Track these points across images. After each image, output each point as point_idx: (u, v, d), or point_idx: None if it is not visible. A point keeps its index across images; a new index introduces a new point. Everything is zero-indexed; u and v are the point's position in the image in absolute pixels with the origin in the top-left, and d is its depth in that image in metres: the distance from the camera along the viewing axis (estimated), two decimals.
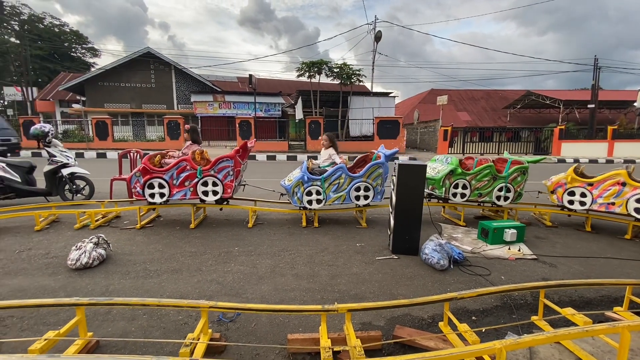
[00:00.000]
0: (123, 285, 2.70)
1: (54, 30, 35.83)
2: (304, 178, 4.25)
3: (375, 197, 4.41)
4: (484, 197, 4.52)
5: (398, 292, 2.68)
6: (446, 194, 4.50)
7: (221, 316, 2.25)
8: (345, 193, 4.33)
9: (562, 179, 4.37)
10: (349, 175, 4.31)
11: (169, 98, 22.81)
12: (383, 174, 4.36)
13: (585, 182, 4.19)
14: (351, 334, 1.83)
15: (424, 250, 3.24)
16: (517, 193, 4.54)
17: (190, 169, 4.13)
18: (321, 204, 4.31)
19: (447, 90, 28.14)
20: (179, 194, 4.15)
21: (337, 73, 16.55)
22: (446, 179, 4.48)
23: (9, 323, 2.17)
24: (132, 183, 4.08)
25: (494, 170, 4.47)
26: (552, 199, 4.49)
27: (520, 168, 4.45)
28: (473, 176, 4.46)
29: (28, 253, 3.31)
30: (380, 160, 4.33)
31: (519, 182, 4.49)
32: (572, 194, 4.27)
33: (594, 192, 4.12)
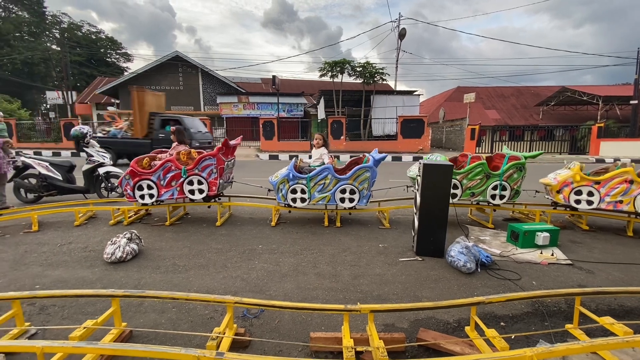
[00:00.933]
0: (154, 279, 2.83)
1: (91, 37, 38.10)
2: (289, 175, 4.25)
3: (360, 201, 4.29)
4: (477, 196, 4.35)
5: (422, 294, 2.63)
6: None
7: (245, 312, 2.31)
8: (330, 194, 4.27)
9: (569, 178, 4.11)
10: (335, 177, 4.25)
11: (196, 99, 23.58)
12: (370, 178, 4.27)
13: (592, 181, 4.02)
14: (374, 335, 1.82)
15: (449, 252, 3.15)
16: (514, 191, 4.31)
17: (175, 169, 4.26)
18: (305, 203, 4.31)
19: (475, 87, 27.17)
20: (167, 194, 4.31)
21: (360, 72, 16.42)
22: None
23: (52, 311, 2.34)
24: (122, 186, 4.28)
25: (487, 168, 4.28)
26: (558, 198, 4.21)
27: (516, 164, 4.23)
28: (464, 175, 4.30)
29: (69, 246, 3.55)
30: (368, 164, 4.24)
31: (515, 180, 4.28)
32: (579, 193, 4.07)
33: (602, 191, 3.97)
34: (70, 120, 17.79)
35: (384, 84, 22.63)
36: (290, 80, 31.90)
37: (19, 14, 32.89)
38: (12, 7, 33.03)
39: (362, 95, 17.68)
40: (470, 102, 16.27)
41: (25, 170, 5.20)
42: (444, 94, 31.04)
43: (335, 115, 17.03)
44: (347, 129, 16.61)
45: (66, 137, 16.64)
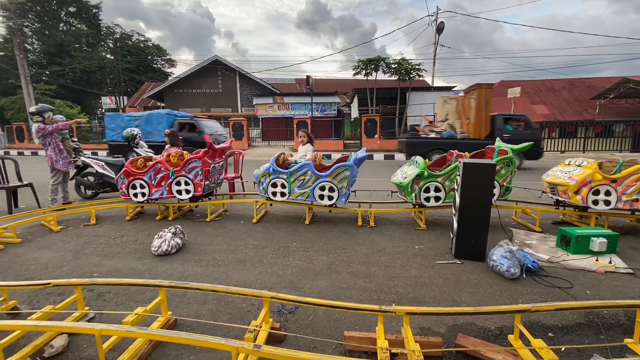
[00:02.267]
0: (195, 271, 2.99)
1: (140, 45, 41.03)
2: (270, 169, 4.36)
3: (339, 199, 4.26)
4: None
5: (461, 299, 2.52)
6: (417, 200, 4.17)
7: (281, 307, 2.36)
8: (309, 190, 4.30)
9: (587, 177, 3.76)
10: (315, 173, 4.27)
11: (234, 101, 24.51)
12: (349, 177, 4.21)
13: (609, 179, 3.72)
14: (409, 338, 1.78)
15: (491, 256, 2.99)
16: (504, 188, 4.06)
17: (165, 170, 4.54)
18: (285, 197, 4.38)
19: (520, 81, 25.43)
20: (157, 193, 4.59)
21: (395, 69, 16.09)
22: (414, 184, 4.14)
23: (107, 298, 2.57)
24: (118, 184, 4.60)
25: None
26: (576, 200, 3.83)
27: (502, 159, 3.98)
28: (445, 177, 4.09)
29: (121, 239, 3.86)
30: (347, 162, 4.21)
31: (503, 176, 4.04)
32: (597, 193, 3.75)
33: (618, 189, 3.68)
34: None
35: (421, 80, 21.97)
36: (323, 80, 32.04)
37: (79, 27, 36.25)
38: (73, 20, 36.49)
39: (397, 93, 17.30)
40: (515, 96, 15.27)
41: (85, 169, 5.74)
42: None
43: (369, 114, 16.82)
44: (381, 128, 16.33)
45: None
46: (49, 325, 1.76)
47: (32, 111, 4.94)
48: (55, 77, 30.47)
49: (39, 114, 4.92)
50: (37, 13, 33.61)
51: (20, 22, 23.08)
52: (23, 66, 20.19)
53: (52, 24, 34.28)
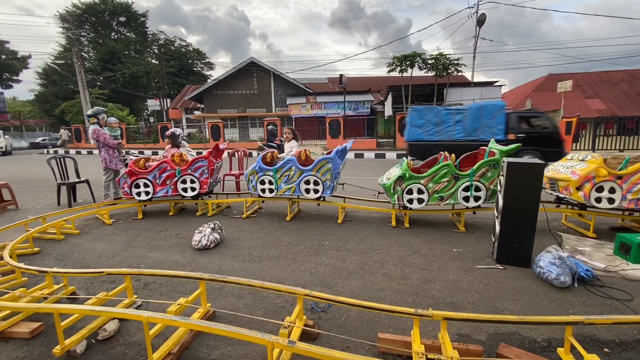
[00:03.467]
0: (232, 266, 3.10)
1: (181, 50, 43.35)
2: (256, 167, 4.53)
3: (324, 192, 4.39)
4: (446, 200, 4.02)
5: (503, 306, 2.38)
6: (400, 201, 4.10)
7: (314, 305, 2.38)
8: (295, 185, 4.45)
9: (591, 172, 3.54)
10: (299, 168, 4.42)
11: (268, 102, 25.06)
12: (332, 169, 4.31)
13: (614, 175, 3.50)
14: (447, 344, 1.71)
15: (538, 262, 2.79)
16: (491, 191, 3.91)
17: (170, 170, 4.72)
18: (273, 194, 4.54)
19: (571, 74, 23.46)
20: (161, 192, 4.75)
21: (432, 64, 15.51)
22: (396, 185, 4.10)
23: (152, 287, 2.74)
24: (120, 184, 4.70)
25: (453, 169, 3.95)
26: (577, 196, 3.62)
27: (488, 162, 3.84)
28: (429, 178, 4.01)
29: (165, 233, 4.11)
30: (329, 155, 4.31)
31: (490, 178, 3.89)
32: (601, 190, 3.54)
33: (624, 187, 3.47)
34: (165, 124, 20.52)
35: (459, 76, 21.04)
36: (356, 78, 31.77)
37: (128, 35, 39.06)
38: (123, 29, 39.38)
39: (434, 89, 16.69)
40: (566, 90, 14.10)
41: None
42: (531, 84, 27.52)
43: (404, 112, 16.39)
44: None
45: (162, 138, 19.28)
46: (103, 311, 1.92)
47: (89, 114, 5.41)
48: (108, 82, 33.11)
49: (94, 116, 5.37)
50: (92, 24, 36.72)
51: (78, 33, 25.35)
52: (80, 73, 22.15)
53: (105, 33, 37.27)
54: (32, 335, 2.10)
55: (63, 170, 5.67)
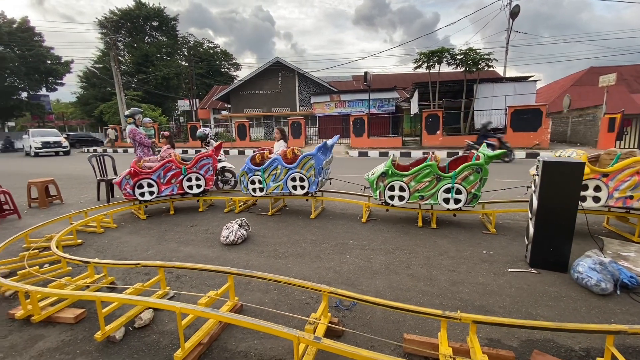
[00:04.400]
0: (259, 262, 3.18)
1: (209, 52, 44.69)
2: (245, 168, 4.77)
3: (310, 187, 4.54)
4: (426, 199, 4.04)
5: (537, 312, 2.27)
6: (381, 197, 4.20)
7: (338, 303, 2.39)
8: (282, 183, 4.63)
9: None
10: (285, 166, 4.59)
11: (293, 101, 25.30)
12: (315, 165, 4.45)
13: (599, 173, 3.38)
14: (476, 348, 1.66)
15: (576, 267, 2.64)
16: (472, 195, 3.86)
17: (176, 168, 4.87)
18: (263, 192, 4.74)
19: (615, 67, 21.80)
20: (167, 190, 4.87)
21: (461, 60, 14.94)
22: (379, 181, 4.19)
23: (184, 280, 2.86)
24: (122, 185, 4.69)
25: (435, 169, 3.96)
26: None
27: (471, 165, 3.81)
28: (412, 177, 4.04)
29: (195, 228, 4.27)
30: (311, 152, 4.49)
31: (472, 182, 3.84)
32: (585, 188, 3.43)
33: (610, 185, 3.34)
34: (195, 124, 21.26)
35: (490, 71, 20.22)
36: (381, 75, 31.33)
37: (160, 39, 40.80)
38: (155, 33, 41.19)
39: (463, 85, 16.10)
40: (609, 85, 13.12)
41: None
42: (569, 78, 25.89)
43: (431, 109, 15.97)
44: (444, 123, 15.39)
45: (192, 137, 20.00)
46: (140, 300, 2.03)
47: (127, 114, 5.72)
48: (142, 84, 34.78)
49: (131, 116, 5.67)
50: (127, 29, 38.68)
51: (115, 38, 26.81)
52: (117, 76, 23.44)
53: (139, 37, 39.15)
54: (76, 321, 2.27)
55: (102, 167, 6.04)
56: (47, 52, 32.75)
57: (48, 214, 5.23)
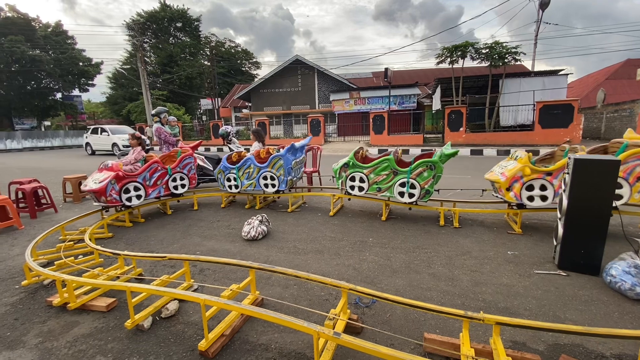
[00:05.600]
0: (279, 257, 3.23)
1: (231, 51, 45.47)
2: (222, 166, 5.03)
3: (280, 186, 4.84)
4: (383, 191, 4.29)
5: (565, 316, 2.18)
6: (343, 186, 4.49)
7: (358, 300, 2.39)
8: (255, 181, 4.92)
9: (518, 172, 3.57)
10: (257, 165, 4.89)
11: (312, 98, 25.35)
12: (284, 165, 4.77)
13: (543, 172, 3.50)
14: (500, 350, 1.62)
15: (608, 270, 2.51)
16: (424, 190, 4.04)
17: (162, 169, 4.77)
18: (238, 190, 5.04)
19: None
20: (154, 193, 4.72)
21: (487, 54, 14.41)
22: (342, 171, 4.47)
23: (207, 273, 2.96)
24: (107, 191, 4.14)
25: (393, 164, 4.18)
26: (509, 197, 3.65)
27: (425, 162, 3.99)
28: (371, 169, 4.30)
29: (217, 224, 4.39)
30: (280, 153, 4.81)
31: (425, 178, 4.03)
32: (531, 188, 3.55)
33: (554, 183, 3.45)
34: (216, 122, 21.75)
35: (517, 65, 19.42)
36: (402, 71, 30.78)
37: (183, 39, 41.93)
38: (179, 34, 42.36)
39: (489, 81, 15.55)
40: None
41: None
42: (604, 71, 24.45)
43: (454, 105, 15.53)
44: (467, 120, 14.94)
45: (214, 135, 20.47)
46: (167, 291, 2.12)
47: (153, 113, 5.95)
48: (166, 83, 35.92)
49: (157, 115, 5.89)
50: (153, 30, 40.00)
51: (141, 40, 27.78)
52: (143, 76, 24.31)
53: (164, 38, 40.41)
54: (107, 309, 2.40)
55: None
56: (79, 54, 34.42)
57: (82, 208, 5.53)
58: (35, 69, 29.88)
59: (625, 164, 3.21)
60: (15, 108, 31.64)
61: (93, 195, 4.25)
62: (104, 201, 4.21)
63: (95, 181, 4.24)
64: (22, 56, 28.35)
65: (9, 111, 31.81)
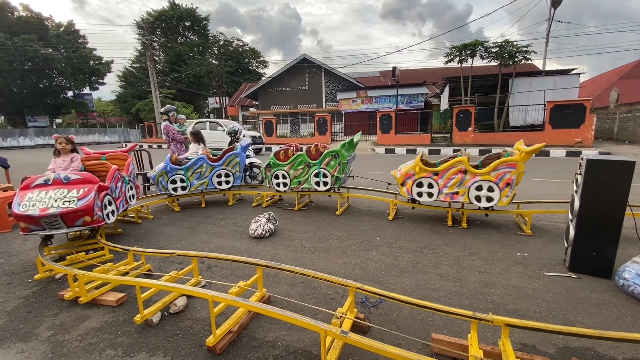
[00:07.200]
0: (285, 255, 3.24)
1: (238, 50, 45.69)
2: (166, 168, 4.86)
3: (235, 182, 5.18)
4: (303, 184, 4.76)
5: (576, 319, 2.15)
6: (270, 185, 4.98)
7: (364, 299, 2.39)
8: (207, 180, 5.06)
9: (411, 170, 4.03)
10: (210, 165, 5.03)
11: (319, 97, 25.34)
12: (240, 162, 5.16)
13: (431, 172, 3.92)
14: (509, 352, 1.60)
15: (621, 274, 2.46)
16: (334, 177, 4.57)
17: (122, 178, 3.93)
18: (186, 190, 4.99)
19: None
20: (121, 206, 3.81)
21: (496, 53, 14.21)
22: (267, 171, 4.96)
23: (215, 270, 2.98)
24: (94, 208, 3.14)
25: (306, 158, 4.67)
26: (403, 192, 4.14)
27: (330, 152, 4.52)
28: (290, 166, 4.76)
29: (225, 221, 4.42)
30: (236, 151, 5.11)
31: (333, 167, 4.55)
32: (421, 185, 3.99)
33: (440, 182, 3.88)
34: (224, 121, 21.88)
35: (528, 64, 19.15)
36: (410, 70, 30.58)
37: (192, 38, 42.28)
38: (187, 33, 42.74)
39: (498, 80, 15.34)
40: None
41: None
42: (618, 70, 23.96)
43: (462, 104, 15.37)
44: (476, 120, 14.76)
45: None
46: (176, 287, 2.14)
47: (161, 111, 6.01)
48: (175, 82, 36.28)
49: (165, 114, 5.94)
50: (162, 29, 40.42)
51: (151, 39, 28.10)
52: (152, 75, 24.58)
53: (173, 37, 40.81)
54: (117, 304, 2.43)
55: (139, 161, 6.39)
56: (90, 53, 34.95)
57: None
58: (47, 67, 30.45)
59: (496, 170, 3.59)
60: (28, 106, 32.29)
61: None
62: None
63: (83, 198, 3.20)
64: (34, 55, 28.90)
65: (22, 109, 32.47)
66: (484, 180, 3.67)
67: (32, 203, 3.02)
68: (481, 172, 3.67)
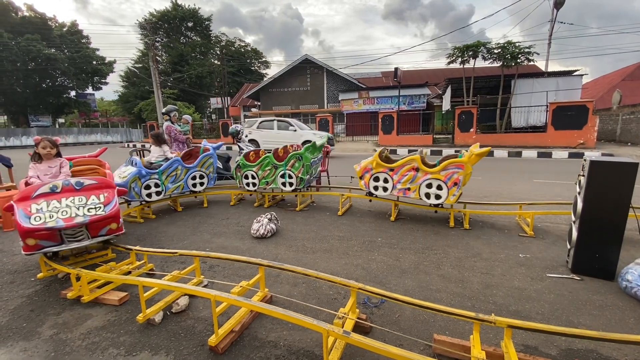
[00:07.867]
0: (287, 255, 3.24)
1: (240, 50, 45.79)
2: (141, 173, 4.49)
3: (209, 183, 5.21)
4: (270, 184, 4.98)
5: (579, 320, 2.14)
6: (240, 184, 5.23)
7: (366, 300, 2.39)
8: (183, 182, 4.95)
9: (369, 164, 4.27)
10: (185, 167, 4.92)
11: (321, 98, 25.36)
12: (214, 163, 5.18)
13: (387, 168, 4.14)
14: (512, 353, 1.60)
15: (624, 275, 2.45)
16: (299, 178, 4.76)
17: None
18: (161, 195, 4.72)
19: None
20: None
21: (499, 54, 14.19)
22: (237, 171, 5.23)
23: (217, 270, 2.98)
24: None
25: (272, 159, 4.91)
26: (361, 185, 4.43)
27: (294, 155, 4.71)
28: (258, 167, 5.01)
29: (227, 221, 4.43)
30: (210, 152, 5.12)
31: (297, 168, 4.75)
32: (377, 180, 4.23)
33: (394, 178, 4.11)
34: (226, 121, 21.92)
35: (530, 66, 19.10)
36: (412, 71, 30.57)
37: (194, 39, 42.39)
38: (190, 33, 42.85)
39: (500, 81, 15.31)
40: None
41: None
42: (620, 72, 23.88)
43: (464, 105, 15.34)
44: (478, 121, 14.74)
45: (223, 134, 20.64)
46: (178, 287, 2.15)
47: (163, 112, 6.03)
48: (177, 82, 36.37)
49: (167, 114, 5.96)
50: (165, 30, 40.55)
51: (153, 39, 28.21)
52: (155, 75, 24.64)
53: (175, 38, 40.94)
54: (120, 303, 2.44)
55: None
56: (93, 53, 35.11)
57: None
58: (50, 67, 30.60)
59: (445, 170, 3.78)
60: (30, 105, 32.46)
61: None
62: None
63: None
64: (38, 55, 29.06)
65: (25, 109, 32.63)
66: (434, 178, 3.88)
67: (49, 214, 2.62)
68: (432, 171, 3.89)
